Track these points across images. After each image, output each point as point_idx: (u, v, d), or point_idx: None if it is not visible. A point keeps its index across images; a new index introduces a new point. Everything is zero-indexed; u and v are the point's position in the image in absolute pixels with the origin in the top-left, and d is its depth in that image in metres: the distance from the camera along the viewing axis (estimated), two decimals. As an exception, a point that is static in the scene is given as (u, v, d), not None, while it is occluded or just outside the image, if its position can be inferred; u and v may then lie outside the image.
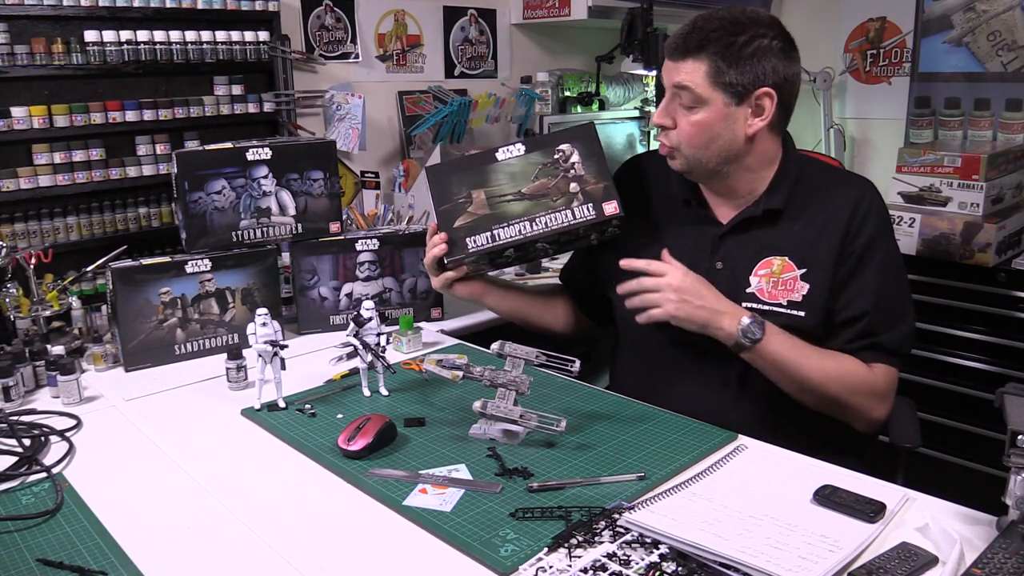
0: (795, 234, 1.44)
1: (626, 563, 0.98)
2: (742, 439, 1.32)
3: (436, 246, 1.55)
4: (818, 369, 1.38)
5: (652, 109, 3.30)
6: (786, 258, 1.44)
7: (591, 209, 1.50)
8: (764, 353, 1.36)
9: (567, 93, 3.14)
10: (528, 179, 1.54)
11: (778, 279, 1.43)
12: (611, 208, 1.49)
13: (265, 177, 1.83)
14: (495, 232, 1.52)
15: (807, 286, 1.42)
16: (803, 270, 1.42)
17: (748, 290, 1.45)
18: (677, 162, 1.45)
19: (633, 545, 1.02)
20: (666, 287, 1.37)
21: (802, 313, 1.42)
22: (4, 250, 1.78)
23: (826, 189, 1.46)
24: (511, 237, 1.52)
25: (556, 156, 1.54)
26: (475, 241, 1.52)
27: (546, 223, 1.51)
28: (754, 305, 1.44)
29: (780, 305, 1.43)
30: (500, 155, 1.56)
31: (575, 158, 1.53)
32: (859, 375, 1.41)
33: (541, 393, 1.50)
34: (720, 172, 1.44)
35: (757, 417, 1.43)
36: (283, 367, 1.50)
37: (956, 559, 0.96)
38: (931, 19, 3.06)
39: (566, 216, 1.51)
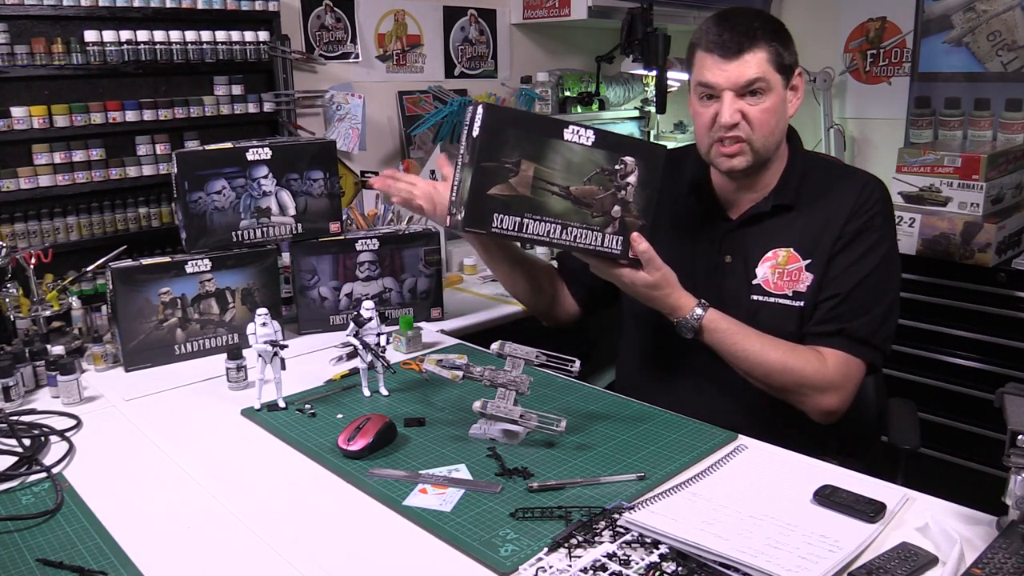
0: (801, 225, 1.46)
1: (626, 563, 0.98)
2: (742, 439, 1.32)
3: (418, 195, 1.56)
4: (759, 363, 1.41)
5: (652, 109, 3.31)
6: (791, 249, 1.45)
7: (619, 244, 1.39)
8: (707, 344, 1.44)
9: (567, 93, 3.14)
10: (582, 177, 1.36)
11: (783, 270, 1.45)
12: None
13: (265, 177, 1.83)
14: (525, 222, 1.34)
15: (811, 276, 1.44)
16: (808, 260, 1.44)
17: (755, 282, 1.47)
18: (744, 158, 1.43)
19: (633, 545, 1.02)
20: (631, 281, 1.42)
21: (801, 303, 1.44)
22: (4, 250, 1.78)
23: (833, 182, 1.48)
24: (537, 234, 1.37)
25: (617, 167, 1.38)
26: (501, 221, 1.33)
27: (574, 237, 1.37)
28: (760, 297, 1.47)
29: (786, 296, 1.45)
30: (568, 134, 1.35)
31: (632, 179, 1.39)
32: (806, 369, 1.40)
33: (541, 393, 1.50)
34: (768, 161, 1.46)
35: (758, 416, 1.43)
36: (283, 367, 1.50)
37: (956, 559, 0.96)
38: (931, 19, 3.06)
39: (596, 239, 1.38)
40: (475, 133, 1.31)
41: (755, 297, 1.47)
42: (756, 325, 1.44)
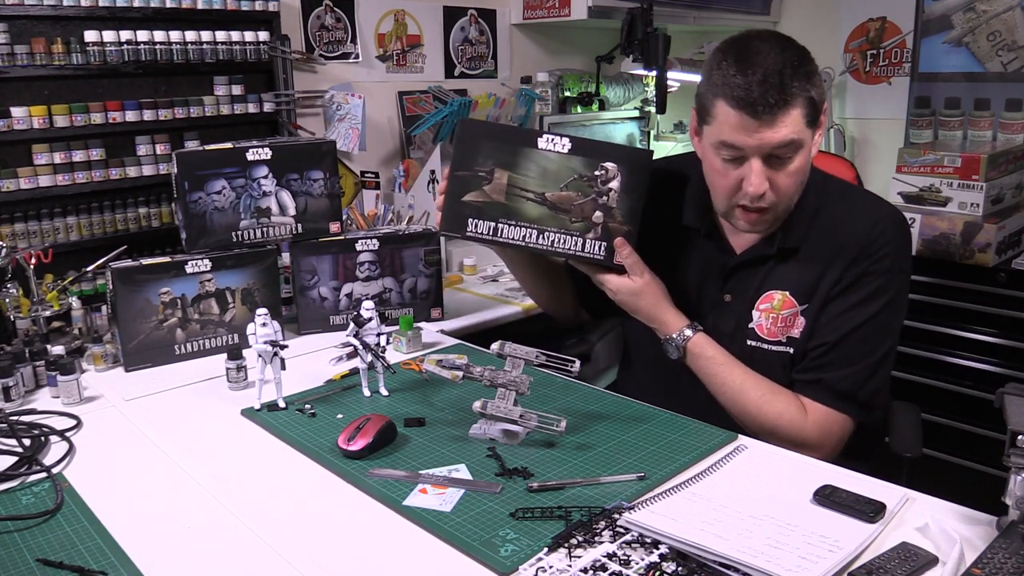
0: (800, 267, 1.37)
1: (626, 563, 0.98)
2: (742, 439, 1.32)
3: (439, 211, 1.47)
4: (735, 401, 1.37)
5: (652, 109, 3.30)
6: (787, 293, 1.38)
7: (602, 249, 1.40)
8: (691, 368, 1.41)
9: (567, 93, 3.14)
10: (558, 184, 1.40)
11: (778, 315, 1.38)
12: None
13: (265, 177, 1.83)
14: (500, 226, 1.42)
15: (804, 321, 1.37)
16: (804, 306, 1.37)
17: (750, 325, 1.41)
18: (765, 224, 1.33)
19: (633, 545, 1.02)
20: (616, 288, 1.41)
21: (791, 350, 1.38)
22: (4, 250, 1.78)
23: (842, 218, 1.36)
24: (511, 239, 1.43)
25: (597, 173, 1.39)
26: (476, 226, 1.42)
27: (552, 242, 1.41)
28: (754, 343, 1.41)
29: (780, 343, 1.39)
30: (542, 143, 1.40)
31: (614, 184, 1.39)
32: (782, 418, 1.33)
33: (541, 393, 1.50)
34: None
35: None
36: (283, 367, 1.50)
37: (956, 559, 0.96)
38: (931, 19, 3.06)
39: (576, 244, 1.40)
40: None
41: (750, 342, 1.40)
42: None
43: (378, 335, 1.52)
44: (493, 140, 1.42)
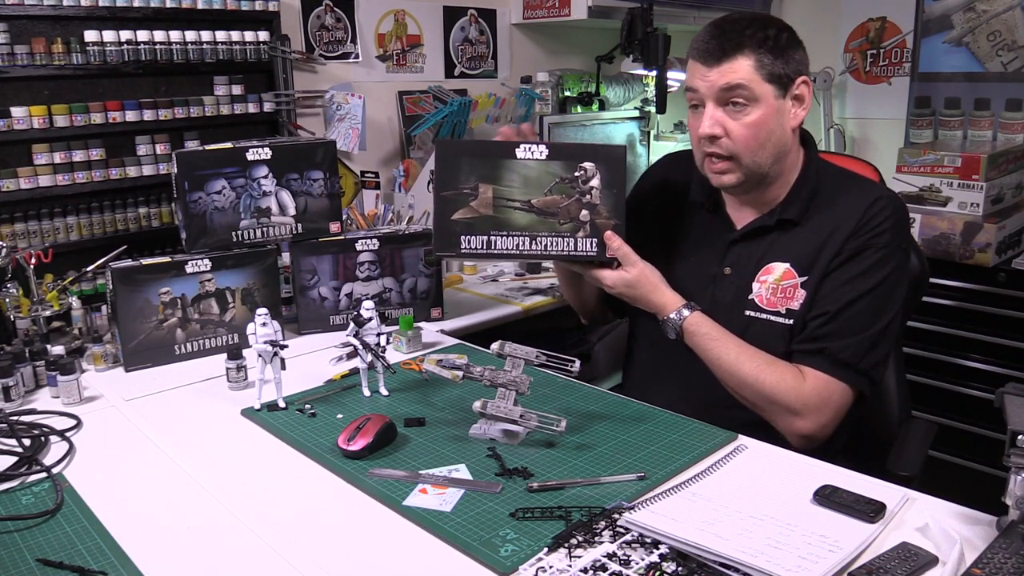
0: (802, 240, 1.41)
1: (626, 563, 0.98)
2: (742, 439, 1.32)
3: None
4: (732, 372, 1.38)
5: (652, 109, 3.30)
6: (788, 264, 1.41)
7: (594, 245, 1.44)
8: (690, 347, 1.42)
9: (567, 93, 3.14)
10: (541, 189, 1.44)
11: (778, 286, 1.41)
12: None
13: (265, 177, 1.83)
14: (492, 239, 1.45)
15: (805, 293, 1.39)
16: (804, 278, 1.39)
17: (750, 296, 1.43)
18: (732, 176, 1.38)
19: (633, 545, 1.02)
20: (612, 283, 1.43)
21: (791, 321, 1.40)
22: (4, 250, 1.78)
23: (843, 197, 1.41)
24: (506, 249, 1.46)
25: (577, 174, 1.44)
26: (469, 242, 1.45)
27: (545, 246, 1.45)
28: (753, 313, 1.43)
29: (778, 313, 1.41)
30: (520, 152, 1.44)
31: (595, 182, 1.44)
32: (779, 385, 1.34)
33: (541, 393, 1.50)
34: (768, 176, 1.40)
35: (759, 425, 1.40)
36: (283, 367, 1.50)
37: (956, 559, 0.96)
38: (931, 19, 3.06)
39: (568, 244, 1.44)
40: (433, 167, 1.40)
41: (748, 312, 1.43)
42: (746, 340, 1.40)
43: (378, 335, 1.52)
44: (472, 156, 1.45)
